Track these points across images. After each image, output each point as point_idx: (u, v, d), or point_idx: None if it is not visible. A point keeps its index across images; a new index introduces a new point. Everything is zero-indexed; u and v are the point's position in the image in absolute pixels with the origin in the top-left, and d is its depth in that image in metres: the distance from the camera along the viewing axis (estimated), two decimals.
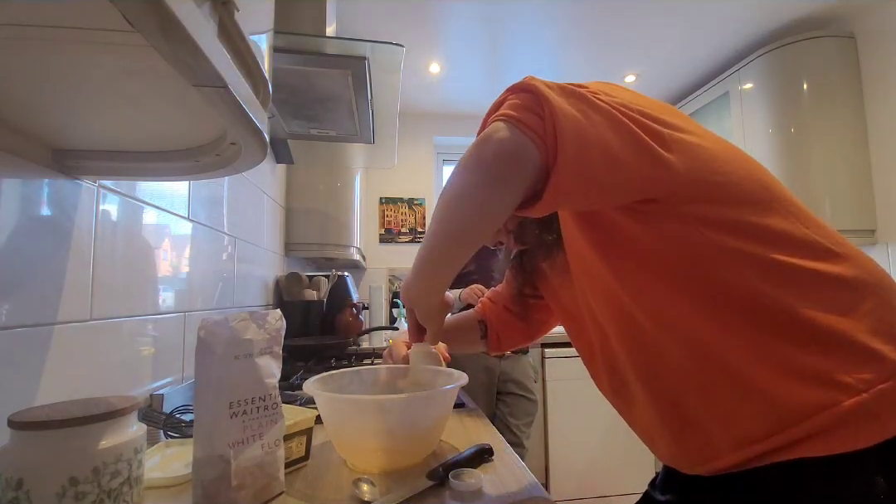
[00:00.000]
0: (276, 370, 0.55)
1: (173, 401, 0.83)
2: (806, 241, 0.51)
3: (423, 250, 0.59)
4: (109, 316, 0.75)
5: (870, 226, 2.15)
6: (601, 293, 0.62)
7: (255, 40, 0.50)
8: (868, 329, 0.48)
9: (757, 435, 0.48)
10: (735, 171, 0.53)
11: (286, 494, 0.55)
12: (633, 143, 0.49)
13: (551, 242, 0.72)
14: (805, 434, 0.46)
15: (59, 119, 0.56)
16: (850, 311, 0.49)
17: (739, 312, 0.50)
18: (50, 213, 0.63)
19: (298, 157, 1.91)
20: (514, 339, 0.93)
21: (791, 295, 0.49)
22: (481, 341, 0.94)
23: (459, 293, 2.06)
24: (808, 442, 0.46)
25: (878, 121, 2.17)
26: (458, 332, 0.94)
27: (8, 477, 0.39)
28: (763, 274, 0.50)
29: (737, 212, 0.52)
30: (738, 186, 0.53)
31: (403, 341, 0.81)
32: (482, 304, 0.97)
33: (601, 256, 0.59)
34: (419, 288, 0.62)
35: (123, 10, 0.30)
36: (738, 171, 0.53)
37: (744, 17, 2.19)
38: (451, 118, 3.19)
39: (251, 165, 0.64)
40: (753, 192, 0.53)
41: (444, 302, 0.67)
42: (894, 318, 0.50)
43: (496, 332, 0.93)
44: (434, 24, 2.16)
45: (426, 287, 0.62)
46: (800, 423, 0.46)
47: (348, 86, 1.30)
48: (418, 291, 0.63)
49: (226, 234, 1.31)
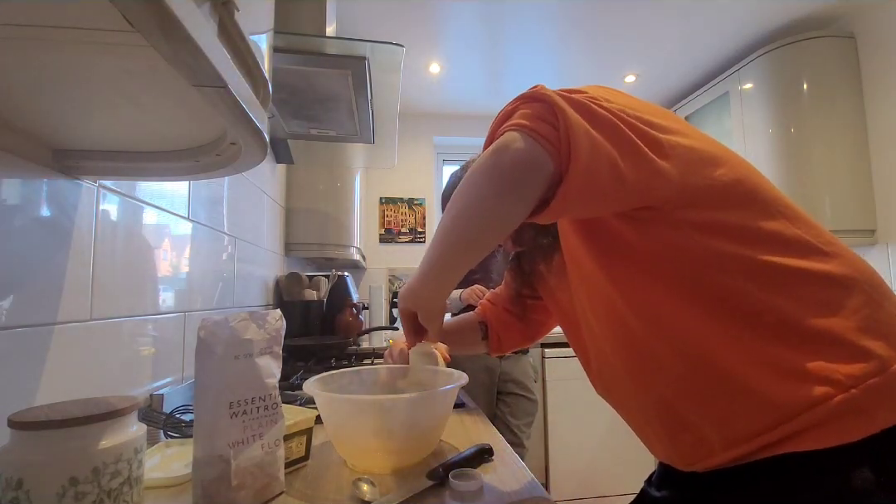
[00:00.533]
0: (276, 370, 0.55)
1: (173, 401, 0.83)
2: (796, 241, 0.52)
3: (433, 254, 0.59)
4: (109, 316, 0.75)
5: (870, 226, 2.15)
6: (597, 297, 0.62)
7: (255, 40, 0.50)
8: (857, 326, 0.48)
9: (749, 433, 0.49)
10: (726, 174, 0.54)
11: (286, 494, 0.55)
12: (635, 155, 0.50)
13: (547, 245, 0.73)
14: (797, 429, 0.47)
15: (59, 119, 0.56)
16: (840, 309, 0.49)
17: (731, 314, 0.51)
18: (50, 213, 0.63)
19: (298, 157, 1.91)
20: (514, 341, 0.94)
21: (781, 295, 0.50)
22: (482, 343, 0.95)
23: (460, 294, 2.07)
24: (800, 437, 0.47)
25: (878, 121, 2.17)
26: (460, 334, 0.95)
27: (8, 477, 0.39)
28: (753, 275, 0.51)
29: (727, 215, 0.53)
30: (729, 189, 0.54)
31: (404, 342, 0.81)
32: (482, 306, 0.97)
33: (597, 260, 0.59)
34: (428, 290, 0.62)
35: (123, 10, 0.30)
36: (730, 173, 0.54)
37: (744, 17, 2.19)
38: (451, 118, 3.19)
39: (251, 165, 0.64)
40: (744, 195, 0.54)
41: (445, 303, 0.67)
42: (883, 316, 0.50)
43: (497, 334, 0.94)
44: (434, 24, 2.16)
45: (434, 290, 0.62)
46: (792, 420, 0.47)
47: (348, 86, 1.30)
48: (428, 294, 0.63)
49: (226, 234, 1.31)
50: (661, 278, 0.54)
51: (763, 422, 0.48)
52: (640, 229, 0.55)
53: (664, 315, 0.54)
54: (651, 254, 0.54)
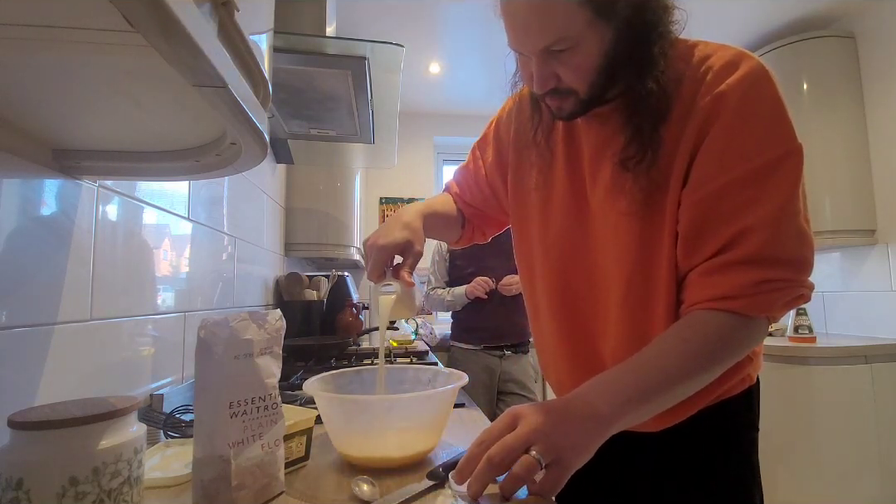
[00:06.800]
0: (276, 370, 0.55)
1: (173, 401, 0.83)
2: None
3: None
4: (109, 316, 0.75)
5: (870, 226, 2.15)
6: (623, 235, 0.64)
7: (255, 40, 0.50)
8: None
9: (704, 395, 0.62)
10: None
11: (286, 494, 0.55)
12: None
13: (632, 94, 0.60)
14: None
15: (60, 119, 0.56)
16: None
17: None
18: (50, 213, 0.63)
19: (298, 157, 1.91)
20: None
21: None
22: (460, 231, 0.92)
23: (464, 289, 2.07)
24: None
25: (878, 121, 2.17)
26: (446, 230, 0.90)
27: (8, 477, 0.39)
28: None
29: None
30: None
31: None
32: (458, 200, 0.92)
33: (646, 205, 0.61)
34: (592, 437, 0.51)
35: (123, 10, 0.30)
36: None
37: (744, 18, 2.19)
38: (451, 118, 3.19)
39: (251, 165, 0.64)
40: None
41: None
42: None
43: (473, 226, 0.92)
44: (434, 24, 2.16)
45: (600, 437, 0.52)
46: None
47: (348, 86, 1.30)
48: (587, 443, 0.51)
49: (226, 234, 1.31)
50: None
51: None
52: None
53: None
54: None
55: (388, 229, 0.70)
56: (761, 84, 0.57)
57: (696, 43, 0.62)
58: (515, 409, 0.52)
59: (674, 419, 0.66)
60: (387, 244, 0.67)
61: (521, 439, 0.47)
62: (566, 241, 0.71)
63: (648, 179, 0.60)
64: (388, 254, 0.67)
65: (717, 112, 0.57)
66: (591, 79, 0.59)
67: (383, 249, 0.67)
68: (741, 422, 0.70)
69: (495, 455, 0.47)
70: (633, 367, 0.56)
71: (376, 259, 0.67)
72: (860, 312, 2.24)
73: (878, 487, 1.85)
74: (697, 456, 0.68)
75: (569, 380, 0.75)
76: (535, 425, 0.48)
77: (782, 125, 0.57)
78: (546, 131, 0.73)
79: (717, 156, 0.57)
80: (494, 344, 2.07)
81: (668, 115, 0.59)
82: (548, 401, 0.54)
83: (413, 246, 0.69)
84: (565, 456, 0.47)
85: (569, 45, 0.56)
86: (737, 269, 0.55)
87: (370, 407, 0.62)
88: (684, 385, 0.55)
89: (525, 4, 0.56)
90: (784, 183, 0.56)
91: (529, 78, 0.62)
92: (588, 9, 0.53)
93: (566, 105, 0.62)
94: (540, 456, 0.46)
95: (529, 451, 0.47)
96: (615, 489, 0.74)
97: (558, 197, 0.72)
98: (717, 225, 0.57)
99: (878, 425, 1.88)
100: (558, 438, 0.48)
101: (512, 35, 0.60)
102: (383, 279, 0.68)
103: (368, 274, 0.68)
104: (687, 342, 0.56)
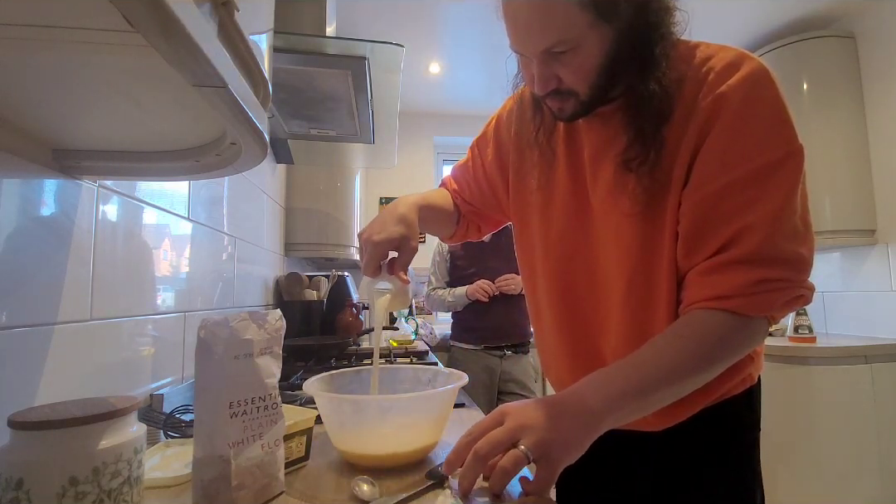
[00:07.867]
0: (276, 370, 0.55)
1: (173, 401, 0.82)
2: None
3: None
4: (109, 316, 0.75)
5: (870, 226, 2.15)
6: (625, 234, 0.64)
7: (255, 40, 0.50)
8: None
9: (705, 394, 0.63)
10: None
11: (286, 494, 0.55)
12: None
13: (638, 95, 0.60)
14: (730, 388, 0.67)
15: (60, 119, 0.56)
16: None
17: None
18: (50, 213, 0.63)
19: (298, 157, 1.91)
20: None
21: None
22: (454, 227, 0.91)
23: (465, 290, 2.07)
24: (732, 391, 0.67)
25: (878, 121, 2.17)
26: (439, 223, 0.89)
27: (8, 477, 0.39)
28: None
29: None
30: None
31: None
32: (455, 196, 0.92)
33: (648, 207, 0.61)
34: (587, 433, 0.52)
35: (123, 10, 0.30)
36: None
37: (744, 18, 2.19)
38: (451, 118, 3.19)
39: (251, 165, 0.64)
40: None
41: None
42: None
43: (467, 223, 0.92)
44: (434, 24, 2.16)
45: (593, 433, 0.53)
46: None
47: (348, 86, 1.30)
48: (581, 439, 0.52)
49: (226, 234, 1.31)
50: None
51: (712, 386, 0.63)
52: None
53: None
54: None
55: (384, 223, 0.70)
56: (763, 85, 0.57)
57: (697, 44, 0.62)
58: (506, 405, 0.52)
59: (675, 419, 0.66)
60: (382, 240, 0.67)
61: (509, 433, 0.48)
62: (567, 242, 0.71)
63: (652, 180, 0.60)
64: (383, 250, 0.68)
65: (719, 112, 0.57)
66: (592, 80, 0.59)
67: (379, 245, 0.67)
68: (743, 422, 0.70)
69: (481, 448, 0.47)
70: (628, 364, 0.56)
71: (371, 254, 0.67)
72: (860, 312, 2.24)
73: (878, 487, 1.85)
74: (699, 456, 0.68)
75: (570, 379, 0.75)
76: (524, 420, 0.48)
77: (783, 126, 0.57)
78: (547, 132, 0.73)
79: (718, 156, 0.57)
80: (495, 344, 2.07)
81: (670, 116, 0.59)
82: (541, 397, 0.54)
83: (409, 241, 0.69)
84: (554, 451, 0.47)
85: (570, 46, 0.56)
86: (735, 268, 0.55)
87: (370, 407, 0.62)
88: (680, 383, 0.55)
89: (526, 6, 0.56)
90: (785, 183, 0.56)
91: (530, 79, 0.63)
92: (589, 10, 0.53)
93: (567, 106, 0.62)
94: (528, 450, 0.46)
95: (518, 445, 0.47)
96: (617, 488, 0.74)
97: (560, 197, 0.72)
98: (717, 225, 0.57)
99: (878, 425, 1.88)
100: (546, 433, 0.48)
101: (513, 37, 0.60)
102: (378, 274, 0.69)
103: (364, 269, 0.69)
104: (683, 340, 0.56)
